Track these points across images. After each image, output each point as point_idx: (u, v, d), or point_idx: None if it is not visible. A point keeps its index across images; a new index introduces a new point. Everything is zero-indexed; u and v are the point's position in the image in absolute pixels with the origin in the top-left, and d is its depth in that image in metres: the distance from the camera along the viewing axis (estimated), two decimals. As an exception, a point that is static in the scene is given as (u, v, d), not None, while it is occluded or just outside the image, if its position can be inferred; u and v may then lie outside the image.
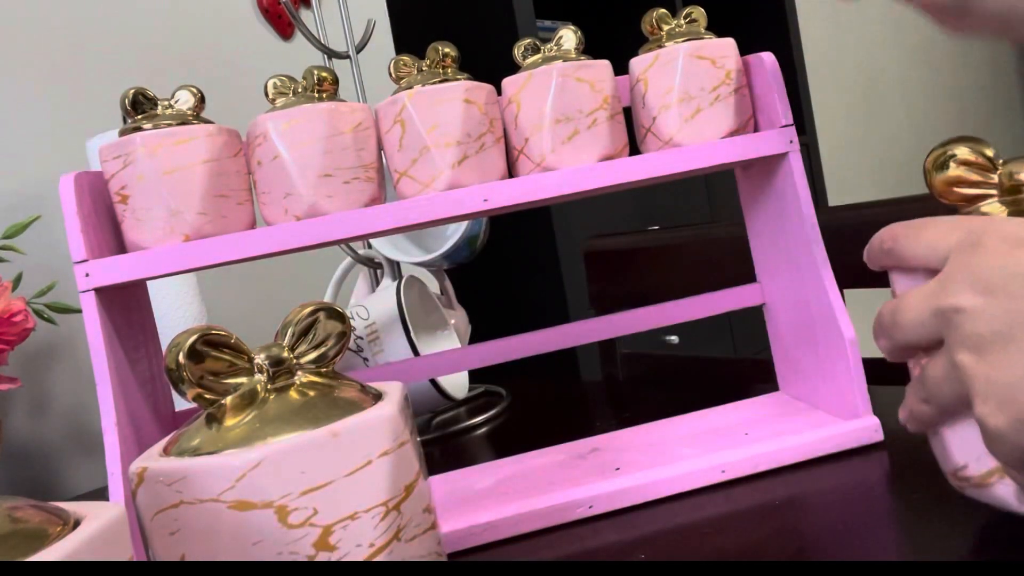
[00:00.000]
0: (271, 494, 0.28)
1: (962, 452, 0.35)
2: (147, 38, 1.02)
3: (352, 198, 0.45)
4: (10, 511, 0.23)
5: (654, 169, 0.47)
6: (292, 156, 0.44)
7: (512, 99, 0.47)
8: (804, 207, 0.49)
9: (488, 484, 0.50)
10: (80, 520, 0.24)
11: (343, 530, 0.29)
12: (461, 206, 0.45)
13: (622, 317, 0.56)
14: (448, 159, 0.45)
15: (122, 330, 0.45)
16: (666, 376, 0.97)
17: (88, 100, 0.96)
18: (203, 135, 0.44)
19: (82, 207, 0.43)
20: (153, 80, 0.51)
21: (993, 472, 0.35)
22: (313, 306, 0.34)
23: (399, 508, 0.30)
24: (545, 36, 1.40)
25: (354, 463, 0.29)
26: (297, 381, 0.32)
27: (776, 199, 0.52)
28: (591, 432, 0.56)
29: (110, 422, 0.41)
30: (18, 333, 0.68)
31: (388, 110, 0.46)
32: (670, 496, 0.45)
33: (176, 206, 0.43)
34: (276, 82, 0.45)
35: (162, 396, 0.49)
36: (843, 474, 0.45)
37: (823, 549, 0.37)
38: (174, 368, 0.30)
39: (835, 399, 0.50)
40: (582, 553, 0.41)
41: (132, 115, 0.44)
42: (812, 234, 0.49)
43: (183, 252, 0.43)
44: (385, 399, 0.32)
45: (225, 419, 0.30)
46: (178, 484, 0.28)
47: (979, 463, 0.35)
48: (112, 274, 0.43)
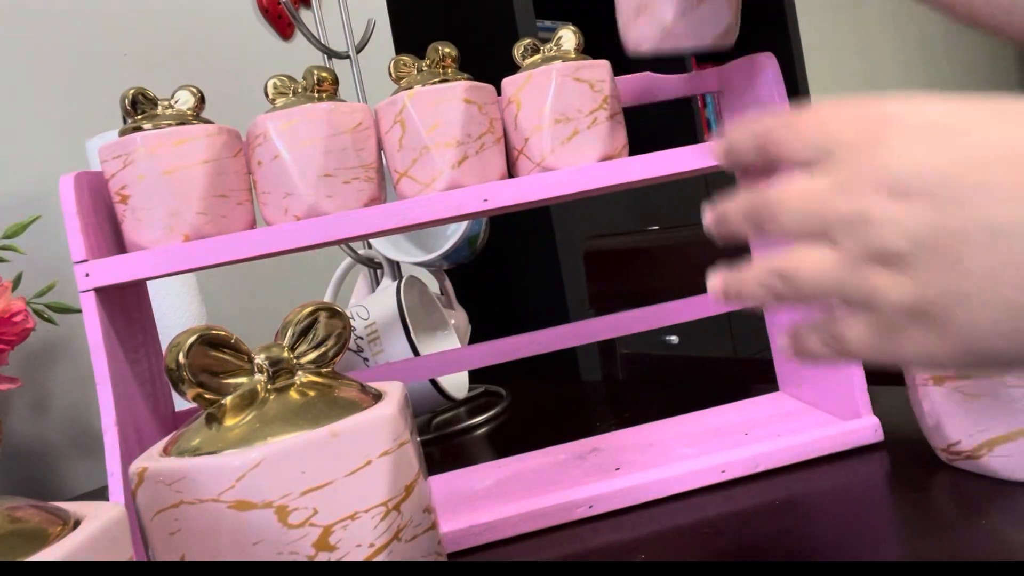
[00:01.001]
0: (271, 494, 0.28)
1: (956, 429, 0.40)
2: (147, 38, 1.02)
3: (352, 198, 0.45)
4: (10, 511, 0.23)
5: (655, 169, 0.47)
6: (292, 156, 0.44)
7: (512, 99, 0.47)
8: (804, 207, 0.49)
9: (488, 484, 0.50)
10: (80, 520, 0.24)
11: (343, 530, 0.29)
12: (461, 206, 0.45)
13: (622, 317, 0.56)
14: (448, 159, 0.45)
15: (122, 330, 0.45)
16: (666, 376, 0.97)
17: (88, 100, 0.96)
18: (203, 135, 0.44)
19: (82, 207, 0.43)
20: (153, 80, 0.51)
21: (983, 445, 0.39)
22: (313, 306, 0.34)
23: (399, 508, 0.30)
24: (545, 36, 1.40)
25: (354, 463, 0.29)
26: (297, 381, 0.32)
27: (776, 199, 0.51)
28: (591, 432, 0.56)
29: (110, 422, 0.41)
30: (18, 333, 0.68)
31: (388, 110, 0.46)
32: (670, 496, 0.45)
33: (176, 206, 0.43)
34: (276, 82, 0.45)
35: (162, 396, 0.49)
36: (843, 474, 0.45)
37: (823, 549, 0.37)
38: (174, 368, 0.30)
39: (835, 399, 0.50)
40: (582, 553, 0.41)
41: (132, 115, 0.44)
42: (812, 234, 0.49)
43: (183, 252, 0.43)
44: (385, 399, 0.32)
45: (225, 419, 0.30)
46: (178, 484, 0.28)
47: (971, 439, 0.40)
48: (112, 274, 0.43)
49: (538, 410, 0.76)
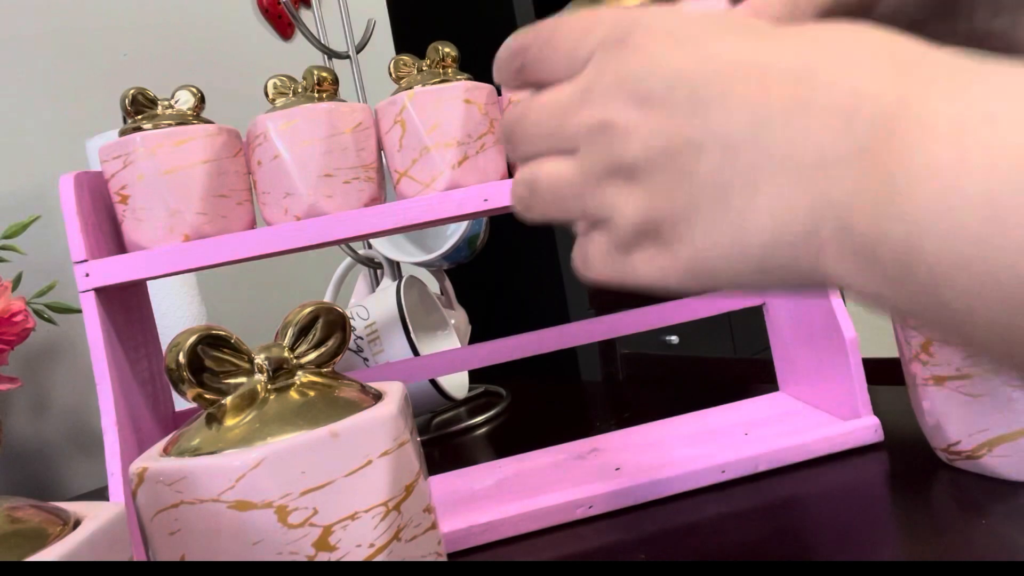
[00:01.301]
0: (271, 494, 0.28)
1: (956, 430, 0.40)
2: (147, 38, 1.02)
3: (352, 198, 0.45)
4: (10, 511, 0.23)
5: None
6: (292, 156, 0.44)
7: (512, 99, 0.47)
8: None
9: (488, 484, 0.50)
10: (80, 520, 0.24)
11: (343, 530, 0.29)
12: (461, 206, 0.45)
13: (622, 317, 0.56)
14: (448, 159, 0.45)
15: (122, 330, 0.45)
16: (666, 376, 0.97)
17: (88, 100, 0.96)
18: (203, 135, 0.44)
19: (82, 207, 0.43)
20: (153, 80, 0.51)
21: (983, 445, 0.39)
22: (313, 306, 0.34)
23: (399, 508, 0.30)
24: (545, 36, 1.39)
25: (354, 463, 0.29)
26: (297, 381, 0.32)
27: (776, 199, 0.51)
28: (591, 432, 0.56)
29: (110, 422, 0.41)
30: (18, 333, 0.68)
31: (388, 110, 0.46)
32: (670, 496, 0.45)
33: (176, 206, 0.43)
34: (276, 82, 0.45)
35: (162, 396, 0.49)
36: (843, 474, 0.45)
37: (823, 549, 0.37)
38: (174, 368, 0.30)
39: (835, 399, 0.50)
40: (582, 553, 0.41)
41: (132, 115, 0.44)
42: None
43: (183, 252, 0.43)
44: (385, 399, 0.32)
45: (225, 419, 0.30)
46: (178, 484, 0.28)
47: (971, 439, 0.40)
48: (112, 274, 0.43)
49: (538, 410, 0.76)
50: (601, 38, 0.24)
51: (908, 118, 0.18)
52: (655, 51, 0.23)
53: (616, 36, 0.24)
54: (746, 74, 0.22)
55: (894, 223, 0.18)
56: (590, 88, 0.24)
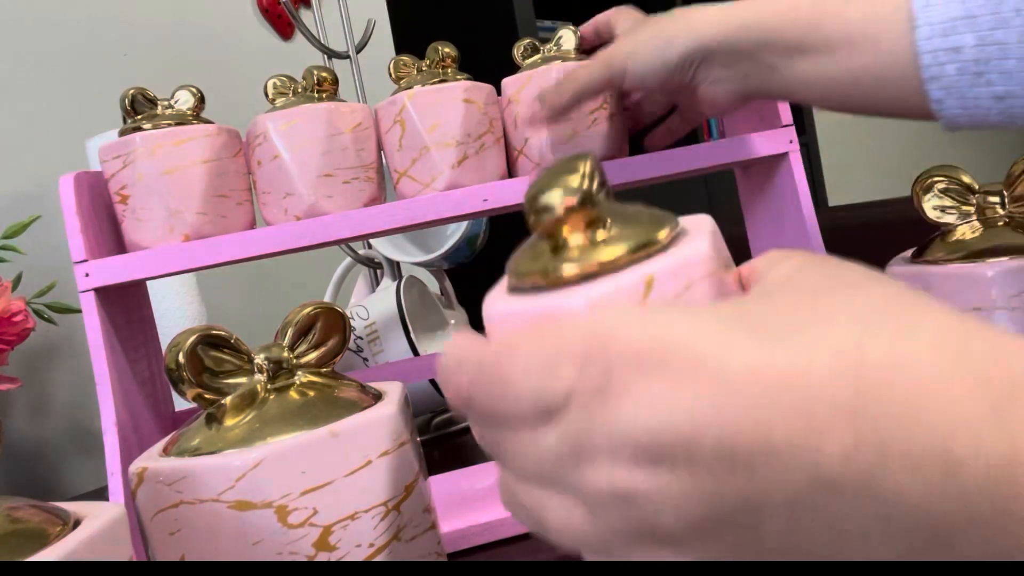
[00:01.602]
0: (271, 494, 0.28)
1: None
2: (147, 38, 1.02)
3: (352, 198, 0.45)
4: (10, 511, 0.23)
5: (655, 169, 0.47)
6: (292, 156, 0.44)
7: (512, 99, 0.47)
8: (804, 207, 0.49)
9: (488, 484, 0.50)
10: (80, 520, 0.24)
11: (343, 530, 0.29)
12: (461, 206, 0.45)
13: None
14: (448, 159, 0.45)
15: (122, 330, 0.45)
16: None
17: (88, 100, 0.96)
18: (203, 135, 0.43)
19: (82, 207, 0.43)
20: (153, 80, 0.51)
21: None
22: (313, 306, 0.34)
23: (399, 508, 0.30)
24: (545, 36, 1.40)
25: (354, 463, 0.29)
26: (297, 381, 0.32)
27: (776, 199, 0.52)
28: (591, 432, 0.56)
29: (110, 422, 0.41)
30: (18, 333, 0.68)
31: (388, 110, 0.46)
32: (670, 496, 0.45)
33: (176, 206, 0.43)
34: (276, 82, 0.45)
35: (162, 396, 0.49)
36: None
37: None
38: (174, 368, 0.30)
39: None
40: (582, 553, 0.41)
41: (132, 115, 0.44)
42: (812, 234, 0.49)
43: (183, 252, 0.43)
44: (385, 399, 0.32)
45: (225, 419, 0.30)
46: (178, 484, 0.28)
47: None
48: (112, 274, 0.43)
49: (538, 410, 0.76)
50: (572, 382, 0.20)
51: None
52: (648, 393, 0.19)
53: (594, 382, 0.19)
54: (789, 407, 0.18)
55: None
56: (582, 445, 0.20)
